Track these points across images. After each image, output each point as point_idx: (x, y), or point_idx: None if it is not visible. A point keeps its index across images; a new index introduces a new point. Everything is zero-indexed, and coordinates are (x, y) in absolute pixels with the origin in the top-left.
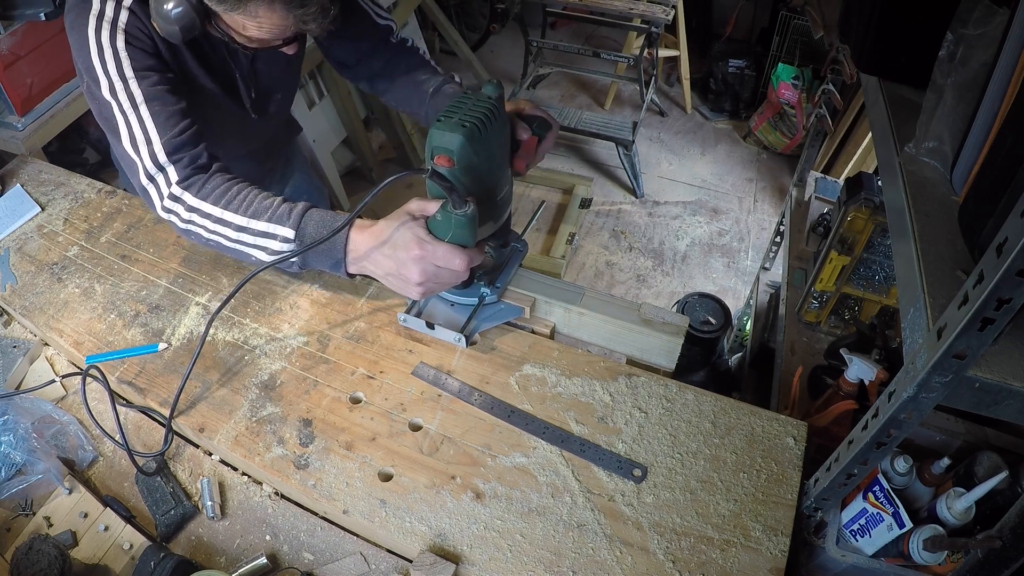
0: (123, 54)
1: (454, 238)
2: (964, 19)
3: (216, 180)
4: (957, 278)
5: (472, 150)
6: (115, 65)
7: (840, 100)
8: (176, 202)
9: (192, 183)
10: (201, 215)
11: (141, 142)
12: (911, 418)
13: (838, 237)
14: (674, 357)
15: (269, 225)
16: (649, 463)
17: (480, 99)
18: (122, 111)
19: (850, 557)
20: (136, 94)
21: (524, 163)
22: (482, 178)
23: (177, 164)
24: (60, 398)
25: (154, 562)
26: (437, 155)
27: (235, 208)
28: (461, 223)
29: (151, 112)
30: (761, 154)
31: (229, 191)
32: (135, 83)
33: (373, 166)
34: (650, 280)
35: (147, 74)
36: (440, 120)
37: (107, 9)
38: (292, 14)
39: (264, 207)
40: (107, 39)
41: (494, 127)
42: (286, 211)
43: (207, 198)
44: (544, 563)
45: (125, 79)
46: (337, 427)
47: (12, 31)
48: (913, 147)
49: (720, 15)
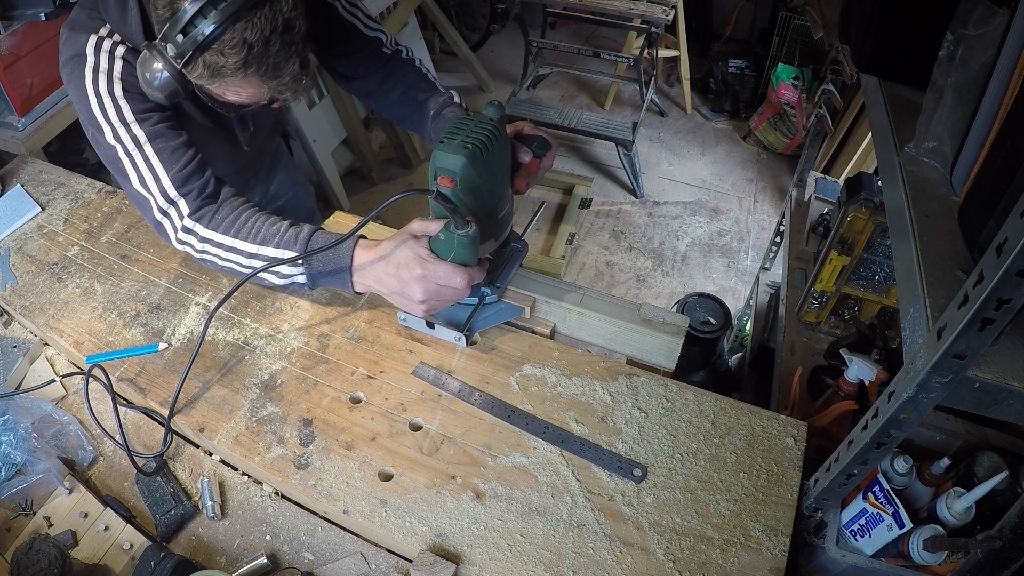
0: (121, 101)
1: (456, 257)
2: (964, 19)
3: (225, 210)
4: (957, 278)
5: (474, 171)
6: (115, 112)
7: (840, 100)
8: (189, 234)
9: (203, 215)
10: (213, 245)
11: (150, 180)
12: (911, 418)
13: (838, 237)
14: (674, 357)
15: (277, 251)
16: (649, 463)
17: (482, 121)
18: (127, 153)
19: (850, 557)
20: (139, 135)
21: (524, 182)
22: (484, 198)
23: (187, 196)
24: (60, 398)
25: (154, 562)
26: (440, 176)
27: (244, 236)
28: (463, 243)
29: (156, 150)
30: (761, 154)
31: (237, 220)
32: (137, 126)
33: (373, 166)
34: (650, 280)
35: (147, 115)
36: (443, 142)
37: (101, 61)
38: (266, 85)
39: (272, 233)
40: (104, 89)
41: (495, 148)
42: (293, 236)
43: (218, 228)
44: (544, 563)
45: (127, 123)
46: (337, 427)
47: (12, 31)
48: (913, 147)
49: (720, 15)
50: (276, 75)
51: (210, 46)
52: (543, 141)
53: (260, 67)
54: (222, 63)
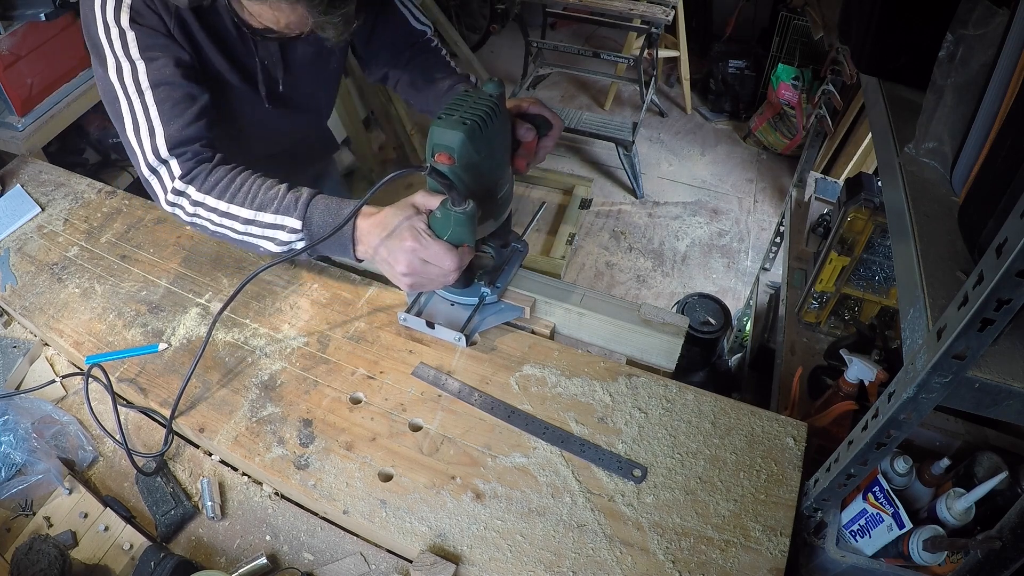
0: (129, 33)
1: (453, 236)
2: (964, 20)
3: (220, 172)
4: (957, 279)
5: (472, 148)
6: (121, 44)
7: (840, 101)
8: (180, 196)
9: (195, 176)
10: (206, 209)
11: (144, 132)
12: (911, 419)
13: (838, 238)
14: (674, 357)
15: (276, 216)
16: (649, 463)
17: (481, 97)
18: (127, 96)
19: (850, 558)
20: (142, 79)
21: (525, 161)
22: (482, 176)
23: (180, 157)
24: (60, 398)
25: (154, 562)
26: (438, 152)
27: (240, 201)
28: (460, 221)
29: (156, 100)
30: (761, 155)
31: (233, 183)
32: (142, 66)
33: (373, 166)
34: (650, 281)
35: (154, 55)
36: (441, 118)
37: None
38: (313, 18)
39: (270, 198)
40: (112, 16)
41: (495, 125)
42: (292, 201)
43: (211, 191)
44: (544, 563)
45: (132, 60)
46: (337, 427)
47: (12, 31)
48: (913, 148)
49: (720, 16)
50: (330, 9)
51: None
52: (546, 120)
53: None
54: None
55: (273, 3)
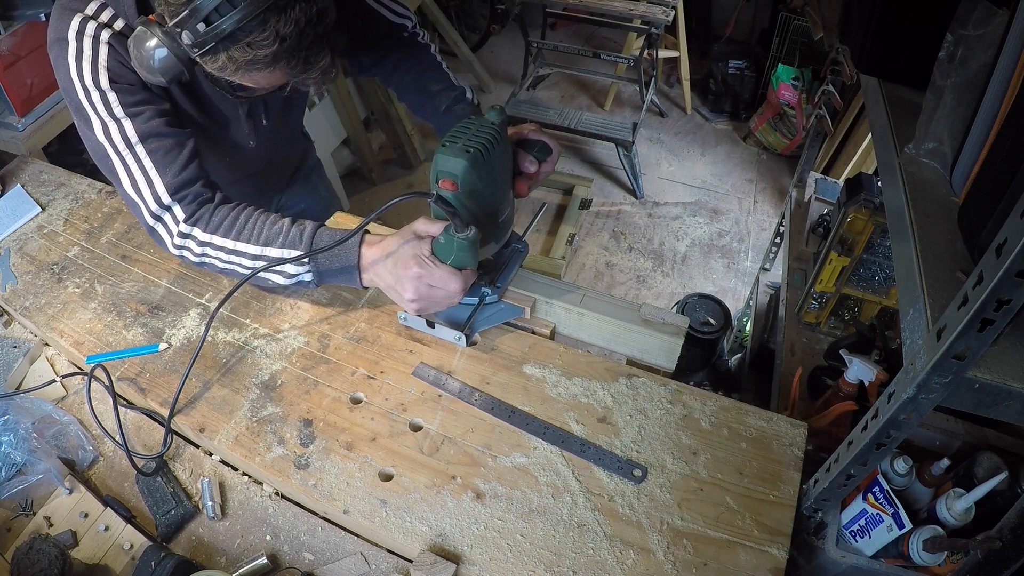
0: (110, 94)
1: (456, 260)
2: (964, 20)
3: (223, 211)
4: (957, 279)
5: (476, 175)
6: (104, 105)
7: (840, 101)
8: (186, 239)
9: (199, 217)
10: (214, 248)
11: (142, 184)
12: (911, 419)
13: (838, 238)
14: (674, 358)
15: (282, 251)
16: (649, 463)
17: (484, 125)
18: (118, 154)
19: (850, 558)
20: (130, 134)
21: (526, 186)
22: (484, 201)
23: (182, 202)
24: (60, 398)
25: (154, 562)
26: (442, 179)
27: (246, 238)
28: (463, 246)
29: (148, 151)
30: (761, 155)
31: (237, 220)
32: (127, 122)
33: (373, 167)
34: (650, 281)
35: (138, 110)
36: (445, 145)
37: (84, 47)
38: (291, 78)
39: (275, 233)
40: (90, 80)
41: (497, 152)
42: (297, 235)
43: (216, 231)
44: (544, 563)
45: (117, 119)
46: (337, 427)
47: (12, 31)
48: (913, 148)
49: (720, 16)
50: (307, 68)
51: (238, 40)
52: (545, 145)
53: (291, 61)
54: (250, 57)
55: (252, 73)
